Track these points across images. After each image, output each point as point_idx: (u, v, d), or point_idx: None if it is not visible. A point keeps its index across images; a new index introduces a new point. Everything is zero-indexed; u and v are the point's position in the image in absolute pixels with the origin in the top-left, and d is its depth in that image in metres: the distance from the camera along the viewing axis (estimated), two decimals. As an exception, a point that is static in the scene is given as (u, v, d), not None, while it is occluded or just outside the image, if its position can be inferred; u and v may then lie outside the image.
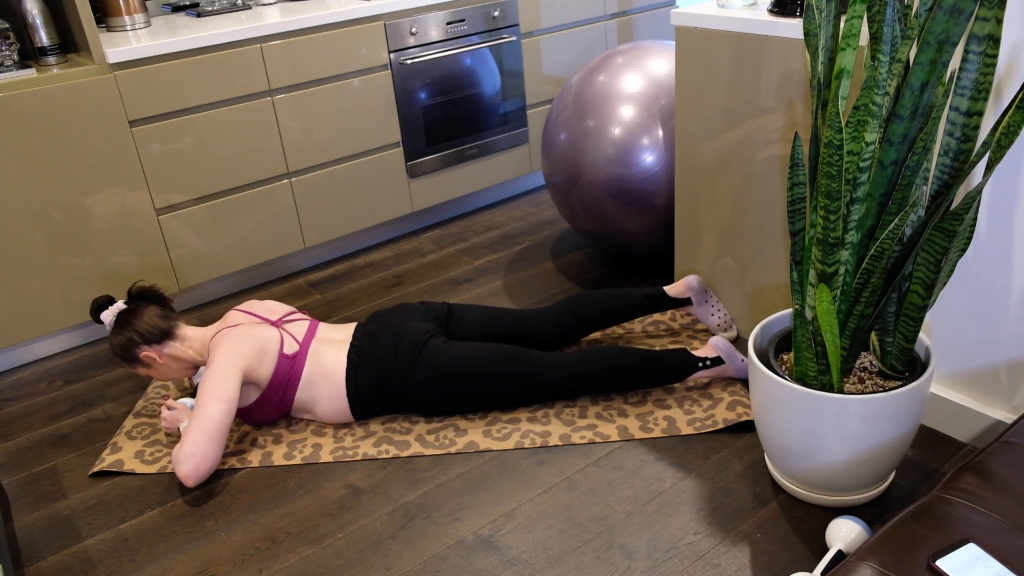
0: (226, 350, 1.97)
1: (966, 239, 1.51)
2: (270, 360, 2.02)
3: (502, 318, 2.21)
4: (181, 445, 1.87)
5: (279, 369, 2.02)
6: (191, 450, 1.85)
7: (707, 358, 2.05)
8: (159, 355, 2.06)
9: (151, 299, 2.12)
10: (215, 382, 1.92)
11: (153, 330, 2.05)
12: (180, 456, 1.85)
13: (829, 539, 1.56)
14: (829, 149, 1.39)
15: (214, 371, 1.94)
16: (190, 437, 1.87)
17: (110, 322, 2.09)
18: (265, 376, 2.01)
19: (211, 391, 1.91)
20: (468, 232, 3.20)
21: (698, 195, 2.26)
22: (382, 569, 1.67)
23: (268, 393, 2.03)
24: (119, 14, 2.63)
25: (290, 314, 2.17)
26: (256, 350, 2.00)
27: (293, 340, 2.07)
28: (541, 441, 1.97)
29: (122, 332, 2.05)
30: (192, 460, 1.85)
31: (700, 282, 2.29)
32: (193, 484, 1.87)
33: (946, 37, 1.28)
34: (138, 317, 2.06)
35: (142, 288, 2.13)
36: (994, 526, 1.11)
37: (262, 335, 2.03)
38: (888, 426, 1.53)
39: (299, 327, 2.12)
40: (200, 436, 1.86)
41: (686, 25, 2.08)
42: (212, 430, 1.87)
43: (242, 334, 2.01)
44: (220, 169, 2.63)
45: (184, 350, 2.09)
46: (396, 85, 2.89)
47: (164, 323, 2.07)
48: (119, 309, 2.09)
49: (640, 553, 1.65)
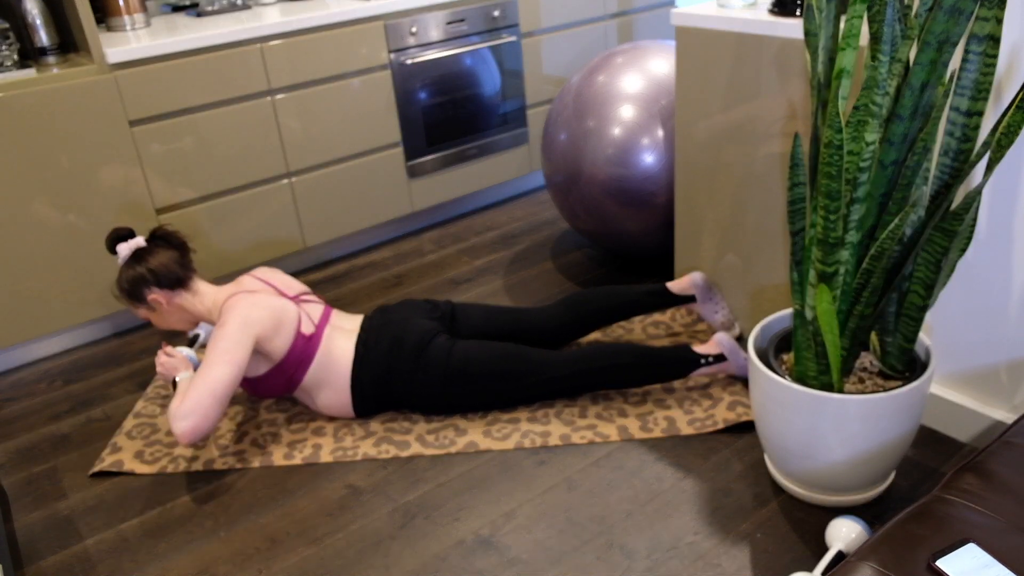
0: (243, 314, 1.91)
1: (966, 239, 1.51)
2: (287, 335, 1.97)
3: (504, 317, 2.21)
4: (182, 401, 1.80)
5: (295, 347, 1.98)
6: (192, 408, 1.79)
7: (709, 355, 2.05)
8: (167, 301, 2.02)
9: (173, 244, 2.06)
10: (227, 344, 1.86)
11: (168, 274, 2.00)
12: (180, 412, 1.79)
13: (829, 539, 1.56)
14: (829, 149, 1.39)
15: (226, 332, 1.88)
16: (193, 395, 1.80)
17: (124, 256, 2.02)
18: (279, 350, 1.97)
19: (222, 352, 1.85)
20: (468, 232, 3.20)
21: (698, 195, 2.26)
22: (382, 569, 1.67)
23: (280, 368, 1.99)
24: (119, 14, 2.63)
25: (305, 293, 2.14)
26: (273, 320, 1.95)
27: (310, 321, 2.04)
28: (541, 441, 1.97)
29: (135, 267, 1.99)
30: (192, 419, 1.79)
31: (705, 279, 2.28)
32: (187, 443, 1.80)
33: (946, 37, 1.28)
34: (155, 257, 2.00)
35: (167, 231, 2.07)
36: (994, 526, 1.11)
37: (280, 306, 1.98)
38: (888, 426, 1.53)
39: (315, 309, 2.09)
40: (205, 395, 1.80)
41: (686, 25, 2.08)
42: (218, 392, 1.82)
43: (260, 301, 1.95)
44: (220, 169, 2.63)
45: (194, 303, 2.04)
46: (396, 85, 2.89)
47: (180, 271, 2.02)
48: (138, 245, 2.03)
49: (640, 553, 1.65)
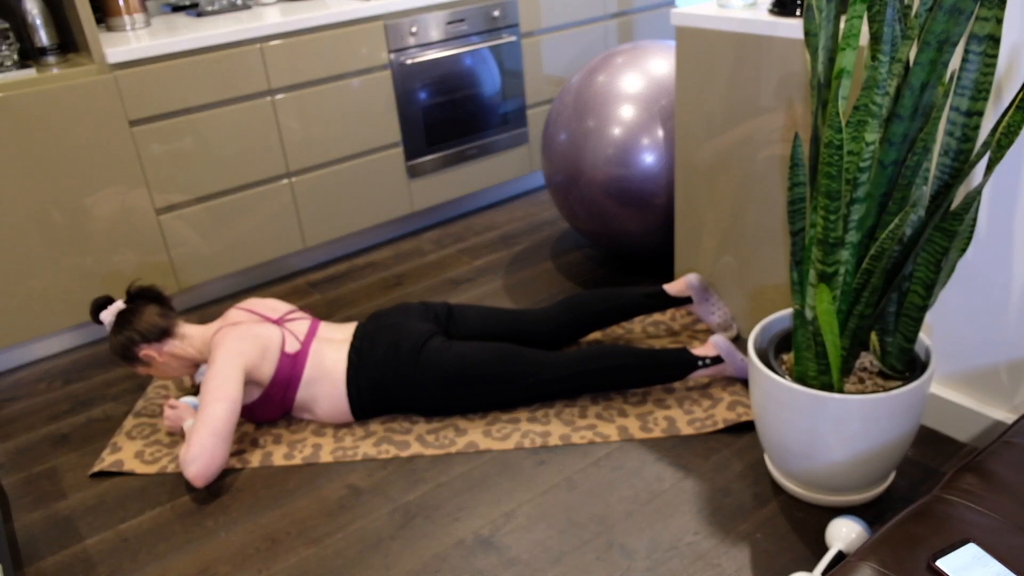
0: (228, 348, 1.96)
1: (966, 239, 1.51)
2: (272, 358, 2.01)
3: (502, 318, 2.21)
4: (188, 447, 1.85)
5: (281, 368, 2.02)
6: (198, 451, 1.84)
7: (707, 357, 2.05)
8: (159, 353, 2.07)
9: (150, 298, 2.12)
10: (218, 381, 1.92)
11: (152, 328, 2.06)
12: (188, 458, 1.84)
13: (829, 539, 1.56)
14: (829, 149, 1.39)
15: (216, 370, 1.93)
16: (196, 438, 1.85)
17: (109, 322, 2.09)
18: (267, 375, 2.01)
19: (214, 391, 1.90)
20: (468, 232, 3.20)
21: (698, 195, 2.26)
22: (382, 569, 1.67)
23: (270, 392, 2.03)
24: (119, 14, 2.63)
25: (291, 312, 2.17)
26: (258, 348, 2.00)
27: (295, 339, 2.07)
28: (541, 441, 1.97)
29: (122, 331, 2.06)
30: (200, 461, 1.84)
31: (701, 280, 2.29)
32: (202, 485, 1.86)
33: (946, 37, 1.28)
34: (137, 316, 2.06)
35: (141, 287, 2.14)
36: (994, 526, 1.11)
37: (264, 333, 2.03)
38: (888, 426, 1.53)
39: (300, 326, 2.12)
40: (206, 437, 1.85)
41: (686, 25, 2.08)
42: (218, 430, 1.87)
43: (243, 332, 2.01)
44: (220, 169, 2.63)
45: (184, 348, 2.09)
46: (396, 85, 2.89)
47: (163, 321, 2.07)
48: (118, 309, 2.09)
49: (640, 553, 1.65)
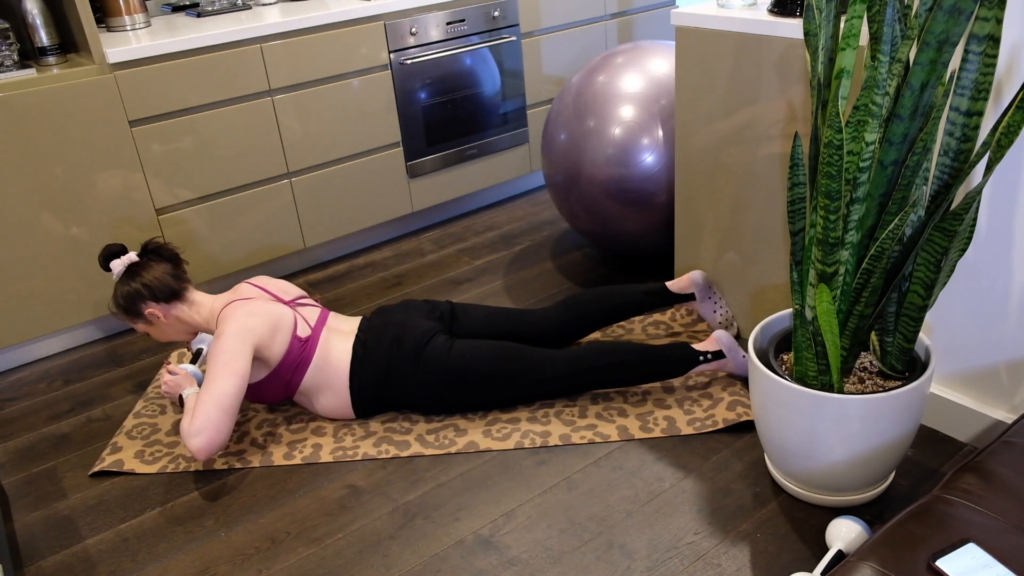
0: (239, 324, 1.91)
1: (966, 239, 1.51)
2: (283, 339, 1.98)
3: (504, 317, 2.20)
4: (193, 419, 1.81)
5: (291, 350, 1.99)
6: (203, 424, 1.80)
7: (708, 352, 2.04)
8: (164, 314, 2.02)
9: (165, 257, 2.07)
10: (227, 356, 1.87)
11: (163, 287, 2.00)
12: (192, 430, 1.80)
13: (829, 539, 1.56)
14: (829, 149, 1.39)
15: (225, 344, 1.88)
16: (202, 410, 1.81)
17: (118, 272, 2.03)
18: (276, 355, 1.97)
19: (223, 365, 1.86)
20: (468, 232, 3.20)
21: (698, 195, 2.26)
22: (382, 569, 1.67)
23: (277, 373, 1.99)
24: (119, 14, 2.63)
25: (302, 297, 2.15)
26: (269, 326, 1.95)
27: (306, 324, 2.04)
28: (541, 441, 1.97)
29: (130, 283, 2.00)
30: (205, 434, 1.80)
31: (704, 277, 2.28)
32: (204, 458, 1.82)
33: (946, 37, 1.28)
34: (149, 271, 2.01)
35: (158, 244, 2.07)
36: (994, 526, 1.11)
37: (276, 312, 1.99)
38: (888, 426, 1.53)
39: (311, 312, 2.10)
40: (213, 410, 1.81)
41: (686, 25, 2.08)
42: (225, 405, 1.83)
43: (255, 308, 1.96)
44: (220, 169, 2.63)
45: (191, 315, 2.04)
46: (396, 85, 2.89)
47: (175, 283, 2.02)
48: (131, 260, 2.03)
49: (640, 553, 1.65)
